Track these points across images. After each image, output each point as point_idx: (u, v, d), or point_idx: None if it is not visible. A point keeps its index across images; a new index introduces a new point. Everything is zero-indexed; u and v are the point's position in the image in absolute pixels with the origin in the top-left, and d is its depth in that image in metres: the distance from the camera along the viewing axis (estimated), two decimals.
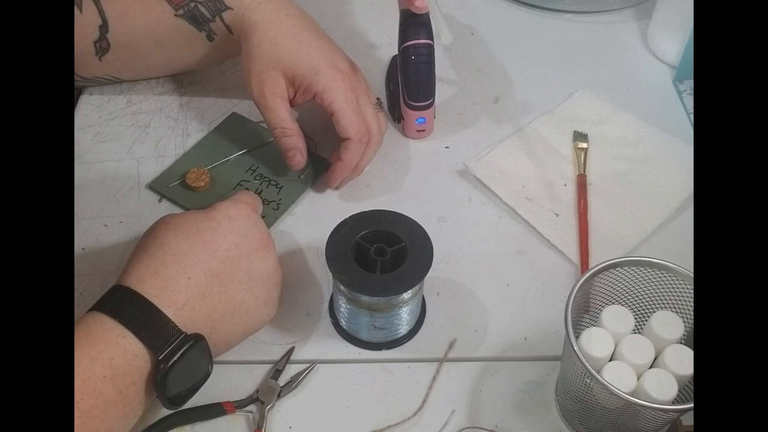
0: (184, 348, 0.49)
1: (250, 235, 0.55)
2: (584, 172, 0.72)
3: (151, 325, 0.48)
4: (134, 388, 0.48)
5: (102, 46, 0.70)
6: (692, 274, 0.53)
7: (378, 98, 0.72)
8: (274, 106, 0.67)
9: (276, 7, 0.68)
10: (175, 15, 0.69)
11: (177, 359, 0.48)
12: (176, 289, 0.50)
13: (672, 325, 0.53)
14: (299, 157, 0.68)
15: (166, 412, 0.55)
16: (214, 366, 0.52)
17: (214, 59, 0.75)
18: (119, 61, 0.73)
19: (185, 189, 0.69)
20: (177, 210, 0.69)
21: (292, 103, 0.69)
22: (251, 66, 0.67)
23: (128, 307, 0.48)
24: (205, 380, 0.53)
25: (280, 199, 0.70)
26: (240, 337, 0.56)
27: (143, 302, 0.49)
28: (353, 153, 0.68)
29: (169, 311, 0.49)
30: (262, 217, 0.67)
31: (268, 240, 0.57)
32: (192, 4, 0.69)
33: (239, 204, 0.57)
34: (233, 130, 0.75)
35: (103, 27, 0.69)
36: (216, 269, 0.52)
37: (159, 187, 0.70)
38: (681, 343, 0.53)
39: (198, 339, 0.50)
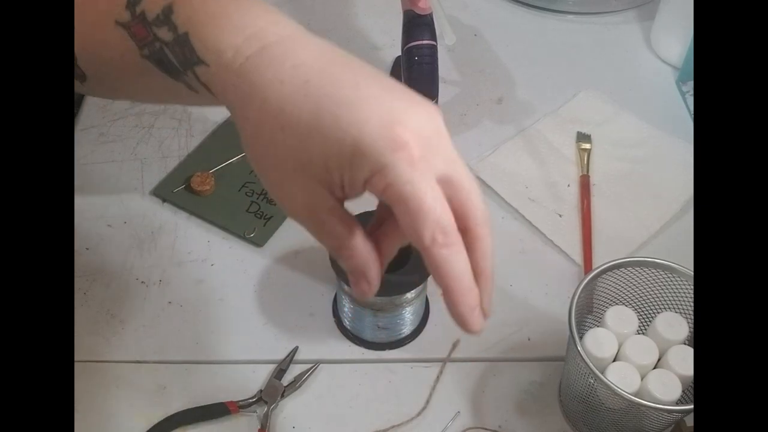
0: None
1: None
2: (587, 172, 0.72)
3: None
4: None
5: (78, 73, 0.55)
6: None
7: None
8: (319, 222, 0.43)
9: (275, 57, 0.41)
10: (141, 55, 0.49)
11: None
12: None
13: (676, 326, 0.53)
14: (364, 285, 0.43)
15: (169, 412, 0.56)
16: (217, 366, 0.51)
17: (213, 103, 0.51)
18: (101, 90, 0.57)
19: (190, 194, 0.69)
20: (182, 214, 0.69)
21: (347, 197, 0.43)
22: (261, 173, 0.45)
23: None
24: None
25: None
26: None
27: None
28: (442, 262, 0.39)
29: None
30: (269, 218, 0.67)
31: None
32: (157, 44, 0.48)
33: None
34: (234, 130, 0.74)
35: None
36: None
37: (163, 192, 0.70)
38: (685, 344, 0.53)
39: None
